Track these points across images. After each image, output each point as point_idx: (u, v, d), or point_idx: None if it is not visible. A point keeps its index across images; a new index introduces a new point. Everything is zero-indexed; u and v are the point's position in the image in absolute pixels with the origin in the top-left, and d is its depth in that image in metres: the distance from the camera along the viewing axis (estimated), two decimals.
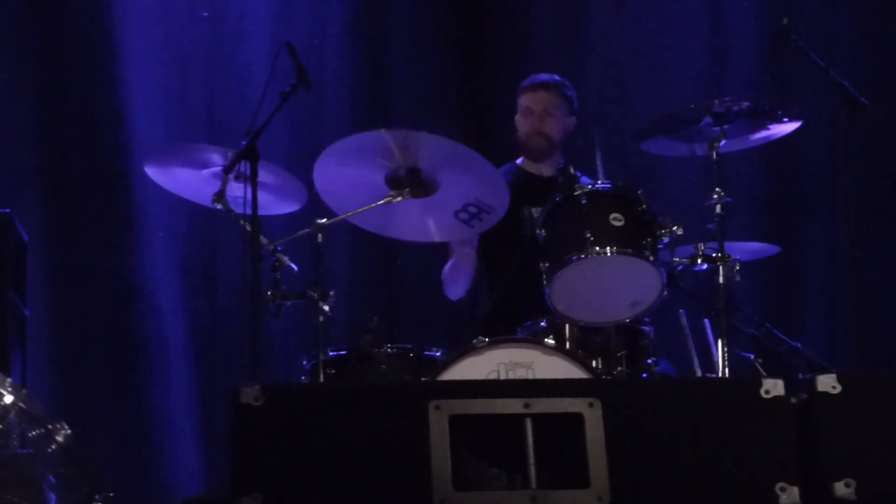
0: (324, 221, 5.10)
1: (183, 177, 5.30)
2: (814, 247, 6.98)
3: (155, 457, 6.60)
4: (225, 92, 6.85)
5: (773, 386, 3.73)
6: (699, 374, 5.45)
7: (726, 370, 5.16)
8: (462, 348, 4.95)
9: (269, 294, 5.06)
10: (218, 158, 5.16)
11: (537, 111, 5.91)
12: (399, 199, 5.03)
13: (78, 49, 6.76)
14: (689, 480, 3.64)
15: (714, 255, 5.21)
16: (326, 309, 5.09)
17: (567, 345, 5.12)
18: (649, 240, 5.05)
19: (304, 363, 5.22)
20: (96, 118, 6.75)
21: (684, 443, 3.67)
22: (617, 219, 5.04)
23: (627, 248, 5.01)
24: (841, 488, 3.64)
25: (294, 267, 5.17)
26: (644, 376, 5.15)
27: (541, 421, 3.66)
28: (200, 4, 6.91)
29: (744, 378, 5.10)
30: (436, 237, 5.30)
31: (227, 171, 4.97)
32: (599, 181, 5.29)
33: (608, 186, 5.18)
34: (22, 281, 5.74)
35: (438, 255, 6.02)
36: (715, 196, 5.28)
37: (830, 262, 6.91)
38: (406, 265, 6.83)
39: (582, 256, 4.98)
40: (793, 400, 3.76)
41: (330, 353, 5.13)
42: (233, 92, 6.82)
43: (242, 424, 3.61)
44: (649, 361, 5.20)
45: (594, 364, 5.07)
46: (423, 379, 4.95)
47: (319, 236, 5.09)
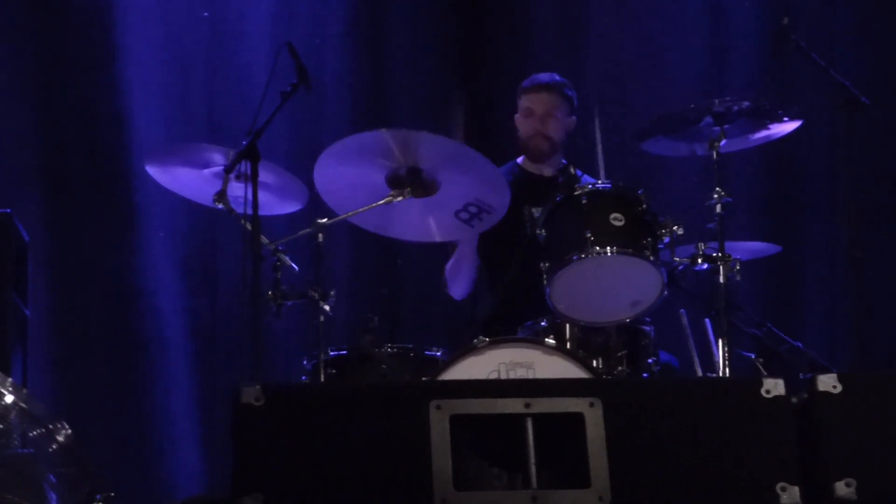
0: (324, 221, 5.09)
1: (184, 176, 5.30)
2: (814, 246, 6.98)
3: (155, 456, 6.60)
4: (225, 92, 6.84)
5: (774, 385, 3.73)
6: (700, 374, 5.45)
7: (727, 370, 5.15)
8: (463, 348, 4.95)
9: (270, 294, 5.06)
10: (219, 158, 5.17)
11: (539, 113, 5.90)
12: (400, 199, 5.03)
13: (78, 49, 6.76)
14: (690, 480, 3.64)
15: (714, 255, 5.21)
16: (327, 309, 5.09)
17: (568, 345, 5.11)
18: (650, 239, 5.05)
19: (305, 363, 5.22)
20: (97, 118, 6.75)
21: (685, 442, 3.67)
22: (617, 218, 5.04)
23: (628, 248, 5.00)
24: (842, 488, 3.64)
25: (295, 267, 5.17)
26: (645, 376, 5.15)
27: (541, 421, 3.66)
28: (201, 4, 6.91)
29: (744, 378, 5.10)
30: (436, 237, 5.30)
31: (228, 171, 4.97)
32: (600, 180, 5.29)
33: (608, 186, 5.17)
34: (22, 281, 5.74)
35: (439, 255, 6.01)
36: (715, 196, 5.28)
37: (831, 262, 6.91)
38: (406, 265, 6.83)
39: (582, 256, 4.98)
40: (793, 399, 3.76)
41: (330, 353, 5.13)
42: (233, 92, 6.82)
43: (243, 424, 3.61)
44: (650, 361, 5.20)
45: (595, 364, 5.07)
46: (424, 379, 4.94)
47: (320, 236, 5.09)
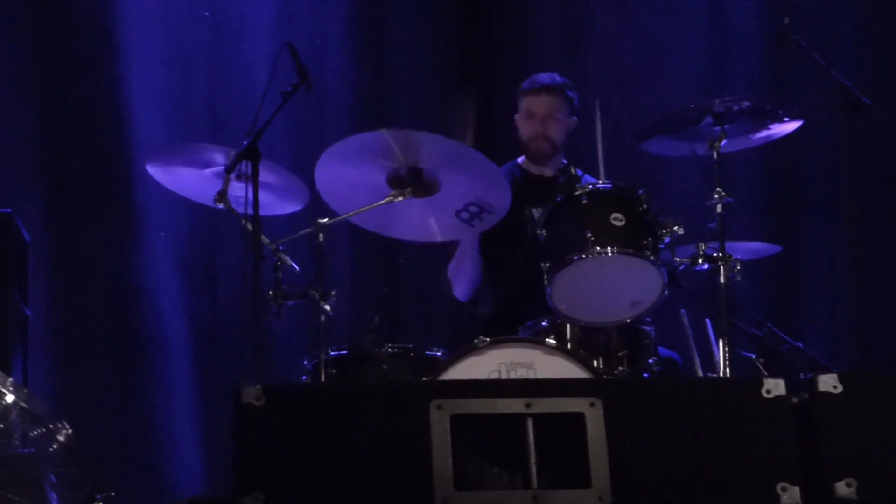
0: (325, 221, 5.09)
1: (184, 176, 5.30)
2: (815, 246, 6.98)
3: (156, 456, 6.60)
4: (226, 91, 6.84)
5: (775, 386, 3.73)
6: (700, 374, 5.45)
7: (727, 370, 5.16)
8: (463, 348, 4.95)
9: (271, 294, 5.07)
10: (219, 158, 5.17)
11: (540, 115, 5.89)
12: (400, 199, 5.03)
13: (79, 49, 6.76)
14: (691, 480, 3.64)
15: (715, 255, 5.21)
16: (328, 309, 5.09)
17: (568, 344, 5.11)
18: (650, 239, 5.05)
19: (306, 363, 5.22)
20: (97, 117, 6.75)
21: (685, 442, 3.67)
22: (618, 219, 5.03)
23: (628, 248, 5.00)
24: (842, 488, 3.64)
25: (295, 266, 5.18)
26: (645, 376, 5.15)
27: (542, 421, 3.66)
28: (201, 4, 6.91)
29: (745, 378, 5.11)
30: (437, 237, 5.29)
31: (229, 171, 4.97)
32: (601, 180, 5.29)
33: (609, 186, 5.17)
34: (23, 281, 5.74)
35: (439, 255, 6.01)
36: (716, 196, 5.28)
37: (832, 262, 6.91)
38: (407, 265, 6.83)
39: (583, 256, 4.98)
40: (794, 400, 3.76)
41: (331, 353, 5.12)
42: (234, 91, 6.82)
43: (244, 424, 3.61)
44: (651, 361, 5.20)
45: (595, 364, 5.06)
46: (425, 379, 4.94)
47: (321, 236, 5.09)
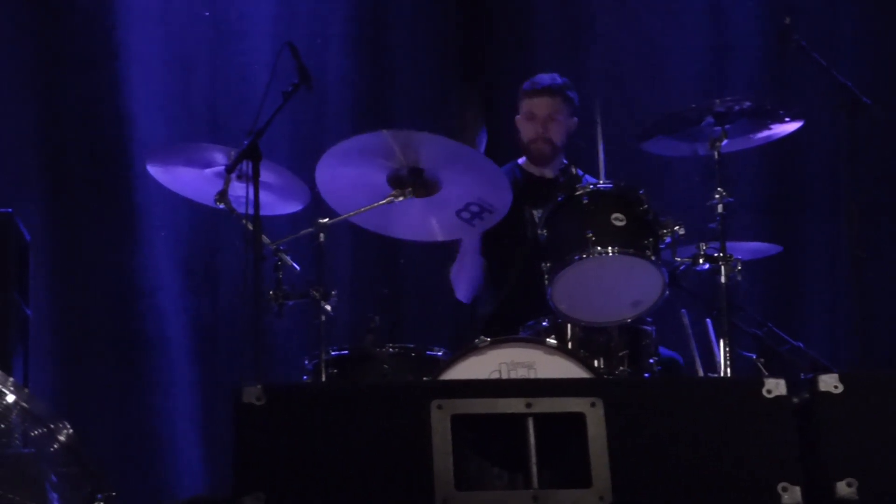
0: (326, 221, 5.09)
1: (185, 176, 5.30)
2: (815, 246, 6.98)
3: (157, 456, 6.59)
4: (227, 91, 6.84)
5: (775, 386, 3.73)
6: (701, 374, 5.45)
7: (728, 370, 5.16)
8: (464, 348, 4.95)
9: (272, 293, 5.07)
10: (220, 158, 5.17)
11: (541, 117, 5.87)
12: (401, 199, 5.03)
13: (79, 48, 6.76)
14: (691, 480, 3.64)
15: (716, 255, 5.21)
16: (328, 308, 5.09)
17: (569, 344, 5.11)
18: (651, 239, 5.04)
19: (306, 363, 5.21)
20: (98, 117, 6.75)
21: (686, 442, 3.67)
22: (619, 218, 5.03)
23: (629, 248, 5.00)
24: (843, 488, 3.64)
25: (296, 266, 5.18)
26: (646, 376, 5.15)
27: (543, 420, 3.66)
28: (202, 4, 6.91)
29: (746, 378, 5.11)
30: (438, 236, 5.29)
31: (230, 171, 4.97)
32: (601, 180, 5.29)
33: (610, 186, 5.17)
34: (24, 280, 5.75)
35: (440, 255, 6.01)
36: (717, 196, 5.28)
37: (832, 262, 6.90)
38: (408, 265, 6.83)
39: (584, 256, 4.98)
40: (795, 400, 3.76)
41: (332, 353, 5.12)
42: (235, 91, 6.82)
43: (244, 424, 3.61)
44: (651, 361, 5.19)
45: (596, 364, 5.06)
46: (425, 378, 4.94)
47: (321, 236, 5.08)
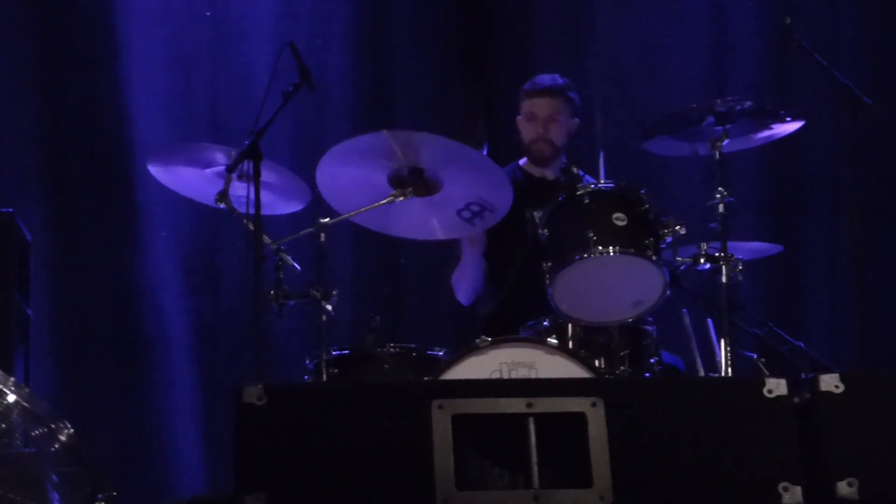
0: (326, 221, 5.09)
1: (186, 176, 5.30)
2: (816, 246, 6.98)
3: (158, 456, 6.60)
4: (228, 91, 6.85)
5: (776, 385, 3.73)
6: (702, 374, 5.45)
7: (729, 370, 5.16)
8: (465, 348, 4.94)
9: (272, 293, 5.06)
10: (221, 158, 5.17)
11: (542, 117, 5.86)
12: (401, 199, 5.03)
13: (81, 48, 6.77)
14: (692, 480, 3.64)
15: (717, 255, 5.21)
16: (329, 308, 5.09)
17: (570, 344, 5.11)
18: (652, 239, 5.04)
19: (307, 362, 5.21)
20: (99, 117, 6.75)
21: (687, 442, 3.67)
22: (620, 218, 5.03)
23: (630, 248, 5.00)
24: (844, 488, 3.64)
25: (297, 266, 5.17)
26: (647, 376, 5.15)
27: (543, 420, 3.66)
28: (203, 4, 6.91)
29: (747, 377, 5.11)
30: (439, 234, 5.29)
31: (230, 171, 4.97)
32: (602, 181, 5.29)
33: (611, 186, 5.17)
34: (25, 280, 5.75)
35: (441, 255, 6.01)
36: (718, 195, 5.28)
37: (833, 262, 6.90)
38: (409, 265, 6.83)
39: (585, 256, 4.97)
40: (795, 399, 3.75)
41: (333, 353, 5.12)
42: (236, 91, 6.82)
43: (245, 424, 3.61)
44: (652, 361, 5.19)
45: (597, 364, 5.06)
46: (426, 378, 4.94)
47: (322, 236, 5.08)
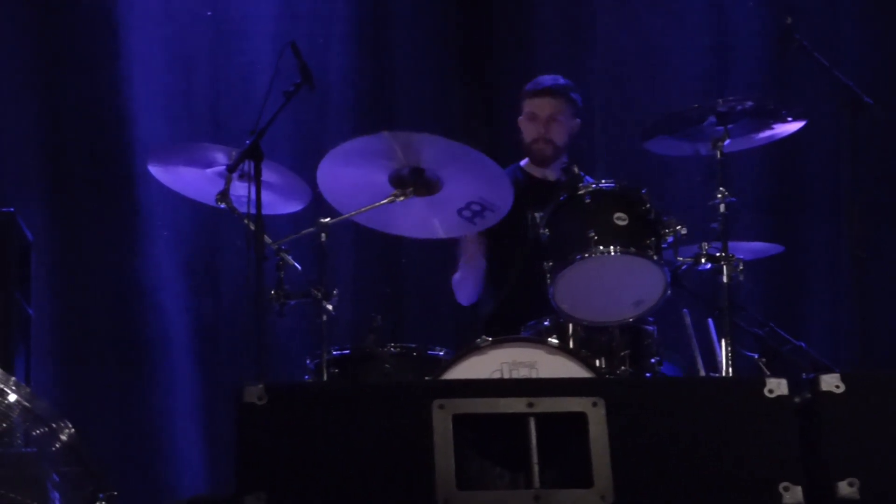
0: (327, 221, 5.09)
1: (187, 176, 5.30)
2: (817, 246, 6.98)
3: (159, 455, 6.60)
4: (229, 91, 6.85)
5: (777, 385, 3.73)
6: (703, 374, 5.45)
7: (730, 369, 5.16)
8: (465, 348, 4.94)
9: (273, 293, 5.06)
10: (222, 157, 5.17)
11: (543, 117, 5.87)
12: (402, 199, 5.03)
13: (81, 48, 6.77)
14: (693, 480, 3.64)
15: (718, 255, 5.21)
16: (330, 308, 5.09)
17: (570, 344, 5.11)
18: (653, 239, 5.04)
19: (308, 362, 5.21)
20: (100, 117, 6.76)
21: (688, 442, 3.67)
22: (621, 218, 5.03)
23: (631, 248, 5.00)
24: (844, 488, 3.64)
25: (298, 266, 5.17)
26: (648, 376, 5.15)
27: (544, 420, 3.66)
28: (203, 4, 6.92)
29: (747, 377, 5.11)
30: (440, 233, 5.30)
31: (231, 171, 4.97)
32: (603, 181, 5.28)
33: (612, 186, 5.16)
34: (26, 280, 5.75)
35: (442, 255, 6.01)
36: (719, 195, 5.28)
37: (834, 262, 6.90)
38: (410, 264, 6.83)
39: (586, 256, 4.97)
40: (796, 399, 3.75)
41: (333, 353, 5.12)
42: (236, 91, 6.82)
43: (246, 423, 3.61)
44: (653, 361, 5.19)
45: (598, 363, 5.06)
46: (427, 378, 4.94)
47: (323, 235, 5.08)
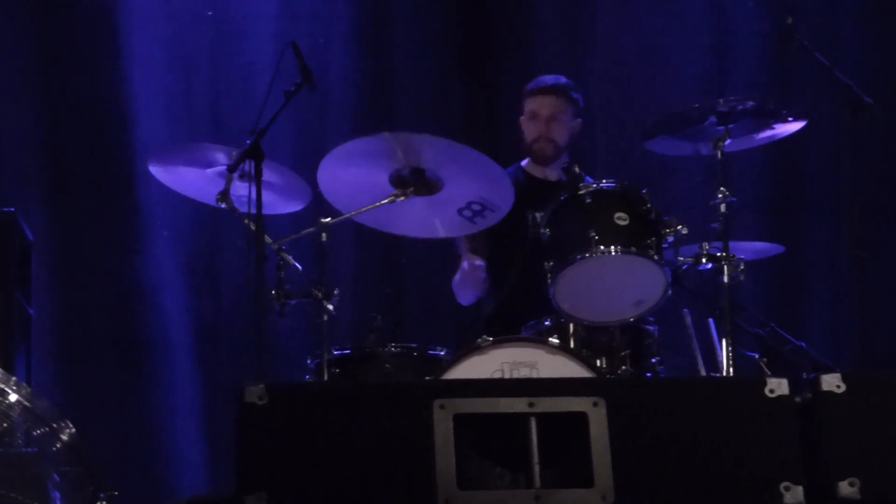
0: (328, 220, 5.09)
1: (187, 176, 5.30)
2: (818, 246, 6.98)
3: (159, 455, 6.60)
4: (229, 91, 6.85)
5: (778, 385, 3.73)
6: (703, 374, 5.45)
7: (730, 369, 5.16)
8: (466, 347, 4.94)
9: (274, 293, 5.06)
10: (222, 157, 5.17)
11: (544, 116, 5.87)
12: (403, 199, 5.03)
13: (82, 48, 6.77)
14: (693, 479, 3.64)
15: (718, 255, 5.21)
16: (330, 308, 5.09)
17: (571, 344, 5.11)
18: (654, 239, 5.04)
19: (309, 362, 5.21)
20: (101, 117, 6.76)
21: (688, 442, 3.67)
22: (622, 218, 5.03)
23: (632, 248, 5.00)
24: (845, 487, 3.64)
25: (298, 266, 5.17)
26: (648, 376, 5.15)
27: (545, 420, 3.66)
28: (204, 4, 6.92)
29: (748, 377, 5.10)
30: (440, 233, 5.30)
31: (232, 171, 4.97)
32: (604, 181, 5.29)
33: (613, 185, 5.16)
34: (27, 280, 5.75)
35: (443, 255, 6.01)
36: (719, 195, 5.28)
37: (834, 262, 6.90)
38: (410, 264, 6.83)
39: (586, 255, 4.98)
40: (797, 399, 3.75)
41: (334, 352, 5.12)
42: (237, 91, 6.82)
43: (247, 423, 3.61)
44: (653, 361, 5.19)
45: (598, 363, 5.06)
46: (428, 378, 4.94)
47: (323, 235, 5.08)
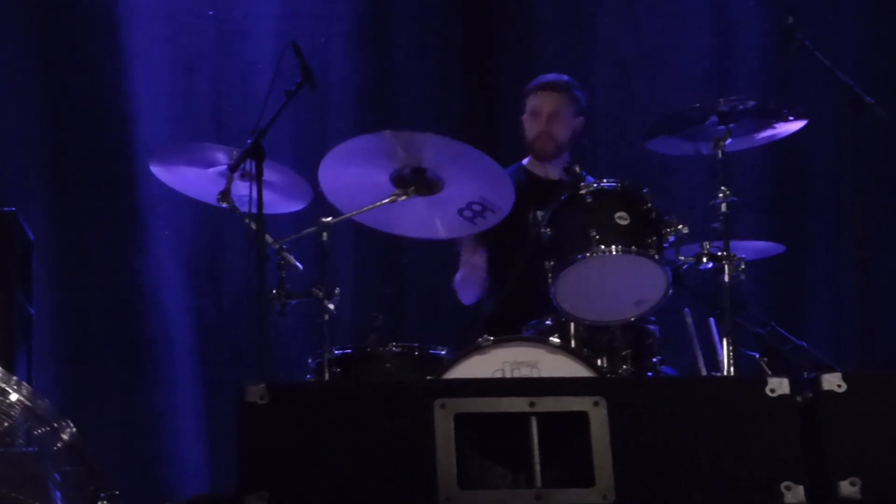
0: (329, 220, 5.10)
1: (188, 175, 5.30)
2: (819, 246, 6.98)
3: (160, 455, 6.61)
4: (230, 90, 6.85)
5: (779, 385, 3.72)
6: (704, 373, 5.45)
7: (731, 369, 5.16)
8: (467, 347, 4.95)
9: (275, 293, 5.07)
10: (223, 157, 5.17)
11: (545, 113, 5.88)
12: (403, 199, 5.03)
13: (82, 48, 6.78)
14: (694, 479, 3.64)
15: (719, 254, 5.21)
16: (331, 307, 5.09)
17: (572, 343, 5.11)
18: (654, 239, 5.05)
19: (310, 362, 5.22)
20: (102, 117, 6.76)
21: (689, 441, 3.66)
22: (622, 217, 5.03)
23: (632, 247, 5.00)
24: (846, 487, 3.63)
25: (299, 265, 5.17)
26: (649, 375, 5.15)
27: (546, 419, 3.65)
28: (206, 3, 6.92)
29: (749, 377, 5.10)
30: (441, 233, 5.30)
31: (233, 170, 4.98)
32: (605, 180, 5.29)
33: (614, 185, 5.16)
34: (28, 279, 5.75)
35: (443, 255, 6.01)
36: (720, 195, 5.28)
37: (835, 261, 6.90)
38: (411, 264, 6.83)
39: (587, 255, 4.98)
40: (798, 399, 3.75)
41: (335, 352, 5.13)
42: (238, 90, 6.82)
43: (248, 423, 3.61)
44: (654, 360, 5.20)
45: (599, 363, 5.06)
46: (429, 378, 4.94)
47: (324, 235, 5.09)
